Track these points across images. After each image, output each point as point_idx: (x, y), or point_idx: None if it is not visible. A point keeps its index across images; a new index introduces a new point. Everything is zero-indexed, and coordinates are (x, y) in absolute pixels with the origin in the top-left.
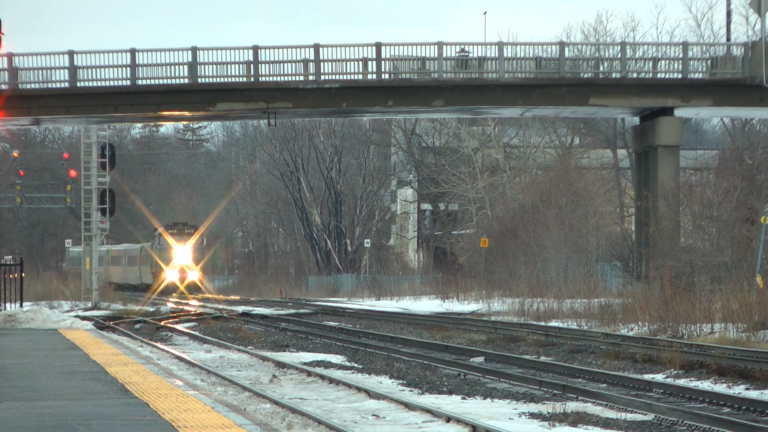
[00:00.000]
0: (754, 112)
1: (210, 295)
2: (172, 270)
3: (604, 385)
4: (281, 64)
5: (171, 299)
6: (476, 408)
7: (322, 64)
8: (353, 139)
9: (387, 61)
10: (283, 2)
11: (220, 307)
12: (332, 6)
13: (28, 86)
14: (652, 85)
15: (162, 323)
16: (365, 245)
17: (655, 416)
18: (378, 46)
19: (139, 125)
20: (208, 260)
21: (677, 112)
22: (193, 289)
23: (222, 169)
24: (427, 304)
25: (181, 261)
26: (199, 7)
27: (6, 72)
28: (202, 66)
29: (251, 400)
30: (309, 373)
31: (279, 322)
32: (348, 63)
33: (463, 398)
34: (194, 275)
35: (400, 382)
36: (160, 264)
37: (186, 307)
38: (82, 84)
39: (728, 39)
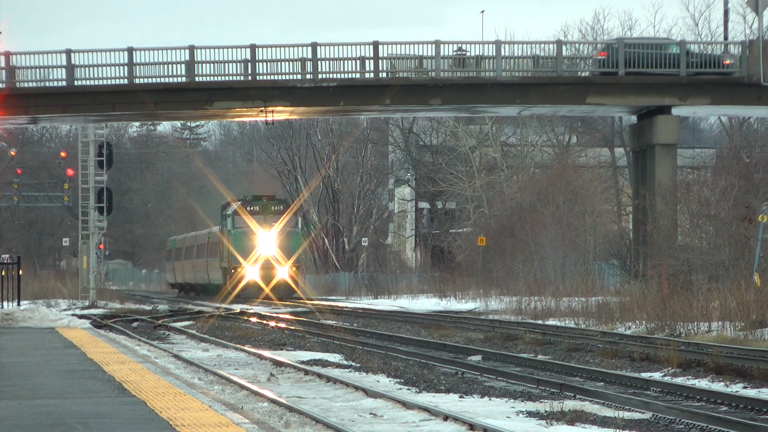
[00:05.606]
0: (751, 111)
1: (309, 301)
2: (253, 265)
3: (602, 383)
4: (279, 63)
5: (255, 306)
6: (474, 406)
7: (319, 63)
8: (351, 138)
9: (384, 60)
10: (281, 2)
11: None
12: (330, 5)
13: (26, 85)
14: (650, 83)
15: (159, 322)
16: (363, 244)
17: (653, 414)
18: (375, 45)
19: (137, 124)
20: (304, 251)
21: (675, 111)
22: (284, 291)
23: (220, 168)
24: (425, 303)
25: (266, 252)
26: (197, 7)
27: (3, 71)
28: (200, 65)
29: (249, 398)
30: (306, 372)
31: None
32: (345, 62)
33: (461, 397)
34: (284, 272)
35: (398, 380)
36: (235, 255)
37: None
38: (80, 83)
39: (726, 38)
